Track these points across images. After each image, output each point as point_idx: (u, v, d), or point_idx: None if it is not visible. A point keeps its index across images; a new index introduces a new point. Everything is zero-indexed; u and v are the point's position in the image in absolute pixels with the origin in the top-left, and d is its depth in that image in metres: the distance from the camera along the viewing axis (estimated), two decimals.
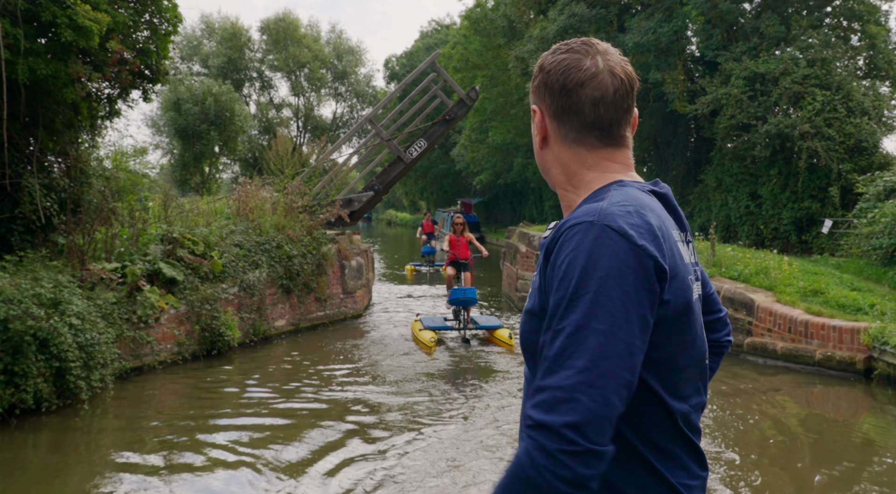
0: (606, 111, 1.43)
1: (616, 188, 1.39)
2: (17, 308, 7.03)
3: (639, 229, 1.27)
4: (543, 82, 1.47)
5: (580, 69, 1.42)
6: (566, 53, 1.46)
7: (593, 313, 1.21)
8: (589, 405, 1.17)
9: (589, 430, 1.17)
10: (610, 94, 1.42)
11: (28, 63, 8.02)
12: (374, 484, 5.71)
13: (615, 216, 1.28)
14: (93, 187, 10.46)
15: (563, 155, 1.48)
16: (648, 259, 1.25)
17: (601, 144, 1.45)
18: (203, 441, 6.78)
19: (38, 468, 6.37)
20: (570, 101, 1.43)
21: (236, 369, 9.93)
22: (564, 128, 1.46)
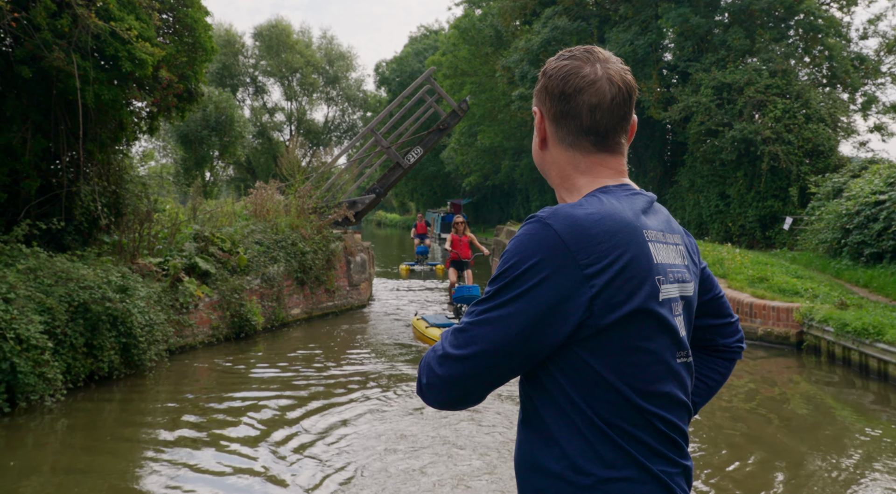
0: (602, 117, 1.48)
1: (598, 195, 1.45)
2: (96, 293, 8.61)
3: (575, 231, 1.35)
4: (545, 86, 1.53)
5: (579, 76, 1.48)
6: (568, 60, 1.51)
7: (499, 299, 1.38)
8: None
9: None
10: (607, 101, 1.47)
11: (94, 90, 9.57)
12: (383, 442, 7.35)
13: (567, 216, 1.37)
14: (130, 192, 12.05)
15: (559, 158, 1.53)
16: (574, 265, 1.34)
17: (595, 149, 1.50)
18: (231, 407, 8.39)
19: (113, 421, 7.91)
20: (569, 106, 1.48)
21: (262, 349, 11.51)
22: (562, 131, 1.51)
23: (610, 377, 1.36)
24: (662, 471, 1.40)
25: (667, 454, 1.41)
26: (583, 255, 1.32)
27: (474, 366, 1.37)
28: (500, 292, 1.36)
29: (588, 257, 1.33)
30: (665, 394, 1.42)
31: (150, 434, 7.29)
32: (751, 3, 22.85)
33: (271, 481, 5.88)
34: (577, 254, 1.32)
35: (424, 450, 6.57)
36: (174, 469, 6.14)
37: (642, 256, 1.38)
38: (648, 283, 1.38)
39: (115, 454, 6.68)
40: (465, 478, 5.88)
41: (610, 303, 1.33)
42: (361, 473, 5.99)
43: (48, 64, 9.19)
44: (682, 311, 1.48)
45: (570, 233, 1.33)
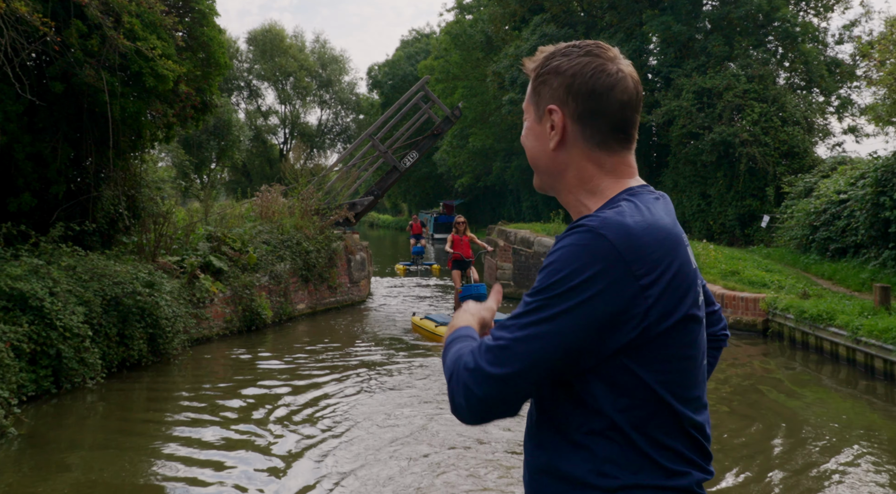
0: (630, 114, 1.46)
1: (631, 199, 1.41)
2: (128, 287, 9.54)
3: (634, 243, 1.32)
4: (566, 86, 1.45)
5: (608, 74, 1.44)
6: (587, 56, 1.46)
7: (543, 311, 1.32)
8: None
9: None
10: (634, 97, 1.46)
11: (120, 103, 10.50)
12: (382, 417, 8.31)
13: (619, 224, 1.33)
14: (145, 195, 12.98)
15: (581, 158, 1.47)
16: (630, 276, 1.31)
17: (621, 147, 1.47)
18: (244, 393, 9.34)
19: (144, 403, 8.82)
20: (600, 104, 1.43)
21: (271, 341, 12.44)
22: (590, 130, 1.45)
23: (654, 384, 1.35)
24: (690, 479, 1.38)
25: (696, 460, 1.40)
26: (638, 266, 1.30)
27: (517, 384, 1.32)
28: (548, 305, 1.31)
29: (643, 268, 1.30)
30: (697, 398, 1.43)
31: (173, 416, 8.15)
32: (729, 11, 23.92)
33: (277, 456, 6.84)
34: (632, 265, 1.29)
35: (421, 431, 7.55)
36: (193, 449, 7.04)
37: (687, 263, 1.38)
38: (693, 289, 1.38)
39: (144, 434, 7.50)
40: (470, 465, 6.86)
41: (663, 312, 1.32)
42: (364, 458, 6.95)
43: (79, 80, 10.12)
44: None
45: (625, 244, 1.30)
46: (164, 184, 15.87)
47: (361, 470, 6.14)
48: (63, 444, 7.07)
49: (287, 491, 5.75)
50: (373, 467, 6.22)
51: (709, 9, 25.72)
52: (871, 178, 13.18)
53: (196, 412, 8.12)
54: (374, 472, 6.09)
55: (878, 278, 12.33)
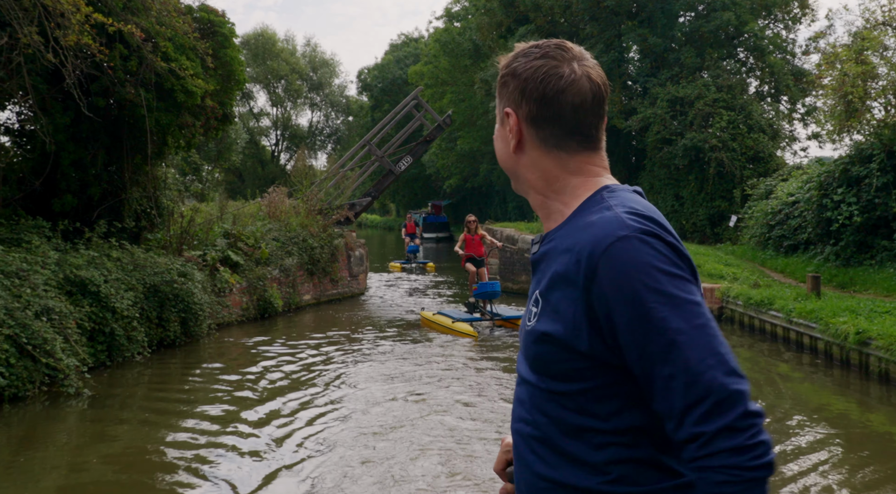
0: (586, 117, 1.42)
1: (608, 194, 1.40)
2: (166, 276, 11.02)
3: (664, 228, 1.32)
4: (520, 89, 1.44)
5: (559, 77, 1.41)
6: (541, 58, 1.43)
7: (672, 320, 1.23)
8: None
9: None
10: (589, 99, 1.42)
11: (154, 117, 11.97)
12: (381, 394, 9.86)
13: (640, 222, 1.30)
14: (167, 197, 14.45)
15: (542, 160, 1.46)
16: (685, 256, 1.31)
17: (581, 148, 1.44)
18: (258, 370, 10.86)
19: (179, 378, 10.28)
20: (551, 109, 1.41)
21: (282, 327, 13.94)
22: (543, 133, 1.44)
23: None
24: None
25: None
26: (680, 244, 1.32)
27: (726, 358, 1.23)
28: (672, 320, 1.23)
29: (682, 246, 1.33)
30: None
31: (204, 387, 9.59)
32: (701, 25, 25.62)
33: (285, 427, 8.38)
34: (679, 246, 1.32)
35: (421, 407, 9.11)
36: (217, 416, 8.59)
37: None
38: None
39: (182, 402, 8.89)
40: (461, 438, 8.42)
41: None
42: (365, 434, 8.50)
43: (120, 96, 11.59)
44: None
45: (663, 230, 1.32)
46: (183, 186, 17.24)
47: (350, 450, 7.69)
48: (118, 404, 8.55)
49: (289, 455, 7.22)
50: (359, 446, 7.77)
51: (683, 22, 27.42)
52: (816, 182, 14.85)
53: (223, 384, 9.56)
54: (361, 453, 7.65)
55: (822, 271, 13.98)
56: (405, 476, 6.05)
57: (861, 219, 13.58)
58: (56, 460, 6.75)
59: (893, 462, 6.72)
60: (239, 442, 7.04)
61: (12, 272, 8.72)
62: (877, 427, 7.72)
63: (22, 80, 10.51)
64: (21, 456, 6.73)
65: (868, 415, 8.15)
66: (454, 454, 6.62)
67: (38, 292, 8.74)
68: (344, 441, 6.99)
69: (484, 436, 7.14)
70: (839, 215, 13.98)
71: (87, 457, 6.72)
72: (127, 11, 11.40)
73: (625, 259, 1.26)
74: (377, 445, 6.85)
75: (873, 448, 7.09)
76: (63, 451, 7.02)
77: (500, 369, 10.13)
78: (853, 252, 14.03)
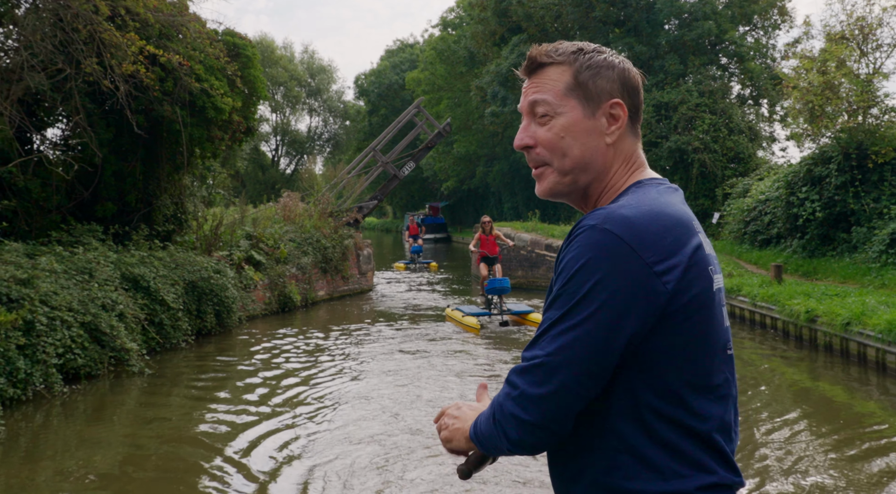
0: (641, 109, 1.54)
1: (633, 191, 1.43)
2: (203, 273, 12.46)
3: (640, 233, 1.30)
4: (622, 80, 1.48)
5: (634, 72, 1.52)
6: (612, 56, 1.51)
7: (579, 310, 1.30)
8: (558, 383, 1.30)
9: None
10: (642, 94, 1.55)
11: (188, 131, 13.39)
12: (395, 380, 11.31)
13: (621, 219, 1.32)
14: (190, 202, 15.88)
15: (627, 152, 1.50)
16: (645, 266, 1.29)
17: (637, 139, 1.53)
18: (282, 357, 12.30)
19: (216, 360, 11.69)
20: (639, 99, 1.51)
21: (300, 319, 15.37)
22: (634, 123, 1.51)
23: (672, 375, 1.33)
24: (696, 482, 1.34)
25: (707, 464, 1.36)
26: (648, 254, 1.29)
27: (563, 399, 1.30)
28: (571, 313, 1.30)
29: (654, 256, 1.29)
30: (721, 387, 1.40)
31: (236, 368, 10.96)
32: (683, 34, 27.15)
33: (302, 404, 9.83)
34: (643, 253, 1.28)
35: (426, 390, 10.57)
36: (248, 402, 10.03)
37: (699, 247, 1.36)
38: (706, 274, 1.35)
39: (219, 380, 10.23)
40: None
41: (679, 297, 1.30)
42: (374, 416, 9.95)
43: (158, 114, 13.02)
44: (720, 302, 1.43)
45: (629, 234, 1.29)
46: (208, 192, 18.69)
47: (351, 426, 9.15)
48: (169, 383, 9.96)
49: (308, 430, 8.70)
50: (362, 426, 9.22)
51: (668, 29, 28.94)
52: (784, 181, 16.34)
53: (252, 367, 10.93)
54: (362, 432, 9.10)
55: (790, 262, 15.47)
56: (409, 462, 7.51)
57: (823, 214, 15.06)
58: (121, 428, 8.11)
59: (834, 416, 8.19)
60: (265, 420, 8.36)
61: (83, 270, 10.16)
62: (826, 391, 9.16)
63: (74, 101, 11.94)
64: (93, 425, 8.12)
65: (816, 382, 9.61)
66: None
67: (103, 287, 10.17)
68: (353, 420, 8.46)
69: None
70: (804, 211, 15.47)
71: (146, 426, 8.12)
72: (163, 38, 12.84)
73: (573, 246, 1.34)
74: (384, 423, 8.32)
75: (819, 407, 8.55)
76: (126, 421, 8.41)
77: (488, 360, 11.59)
78: (817, 245, 15.52)
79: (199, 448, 7.18)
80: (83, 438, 7.64)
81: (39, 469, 6.60)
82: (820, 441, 7.11)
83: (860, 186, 14.64)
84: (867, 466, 6.31)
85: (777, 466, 6.34)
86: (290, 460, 6.65)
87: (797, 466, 6.33)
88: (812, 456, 6.62)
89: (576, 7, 28.87)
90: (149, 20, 11.41)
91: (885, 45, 16.05)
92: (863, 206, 14.47)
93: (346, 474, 6.17)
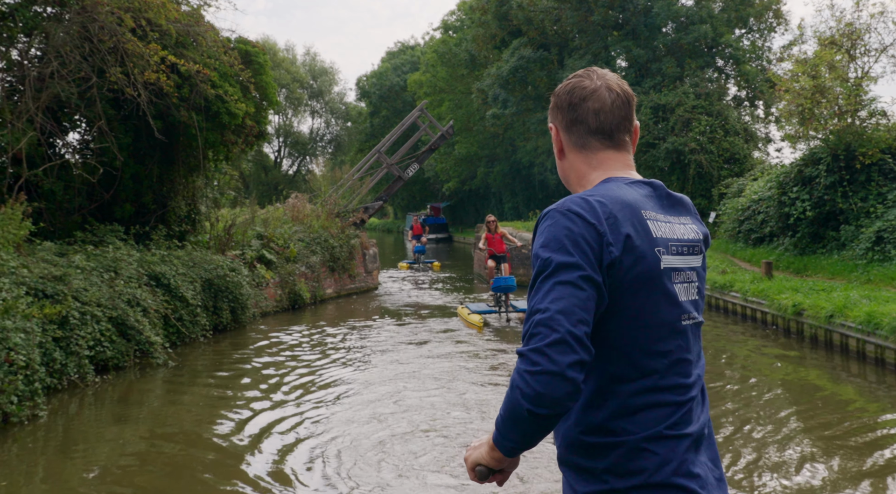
0: (606, 118, 1.76)
1: (603, 184, 1.73)
2: (219, 271, 13.05)
3: (582, 208, 1.62)
4: (555, 104, 1.82)
5: (583, 88, 1.78)
6: (572, 79, 1.82)
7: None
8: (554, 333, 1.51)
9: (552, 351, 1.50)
10: (608, 104, 1.76)
11: (203, 136, 13.98)
12: (402, 369, 11.90)
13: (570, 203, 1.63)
14: (202, 204, 16.48)
15: (575, 161, 1.81)
16: (587, 224, 1.60)
17: (604, 147, 1.77)
18: (293, 352, 12.89)
19: (230, 351, 12.28)
20: (576, 113, 1.77)
21: (310, 316, 15.96)
22: (573, 136, 1.79)
23: (623, 339, 1.62)
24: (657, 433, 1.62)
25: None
26: (598, 222, 1.60)
27: (576, 336, 1.51)
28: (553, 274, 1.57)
29: (602, 225, 1.60)
30: (667, 352, 1.67)
31: (251, 363, 11.54)
32: (680, 38, 27.75)
33: (314, 390, 10.42)
34: (592, 220, 1.60)
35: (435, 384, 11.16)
36: (263, 391, 10.62)
37: (643, 231, 1.65)
38: (650, 254, 1.63)
39: (237, 371, 10.80)
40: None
41: (623, 270, 1.60)
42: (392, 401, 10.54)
43: (174, 119, 13.62)
44: (684, 280, 1.72)
45: (583, 207, 1.61)
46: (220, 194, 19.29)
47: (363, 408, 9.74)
48: (189, 374, 10.53)
49: (317, 415, 9.29)
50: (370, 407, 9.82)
51: (665, 32, 29.55)
52: (776, 182, 16.94)
53: (267, 359, 11.50)
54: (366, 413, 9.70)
55: (782, 259, 16.06)
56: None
57: (813, 213, 15.65)
58: (147, 414, 8.69)
59: (818, 403, 8.77)
60: (278, 407, 9.04)
61: (109, 267, 10.76)
62: (812, 380, 9.72)
63: (97, 107, 12.54)
64: (123, 409, 8.70)
65: (800, 370, 10.19)
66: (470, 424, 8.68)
67: (128, 284, 10.76)
68: (361, 406, 9.06)
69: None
70: (795, 210, 16.05)
71: (169, 413, 8.71)
72: (179, 46, 13.44)
73: (542, 228, 1.65)
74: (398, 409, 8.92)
75: (805, 394, 9.15)
76: (151, 408, 8.99)
77: (488, 352, 12.18)
78: (808, 242, 16.11)
79: (218, 431, 7.77)
80: (115, 419, 8.25)
81: (74, 451, 7.19)
82: (804, 424, 7.69)
83: (848, 186, 15.24)
84: (848, 444, 6.91)
85: (768, 441, 6.93)
86: (300, 441, 7.21)
87: (786, 445, 6.93)
88: (799, 437, 7.21)
89: (575, 11, 29.48)
90: (170, 31, 11.99)
91: (872, 50, 16.65)
92: (851, 205, 15.06)
93: (353, 451, 6.76)
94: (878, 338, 9.29)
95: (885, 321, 9.12)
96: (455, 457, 6.56)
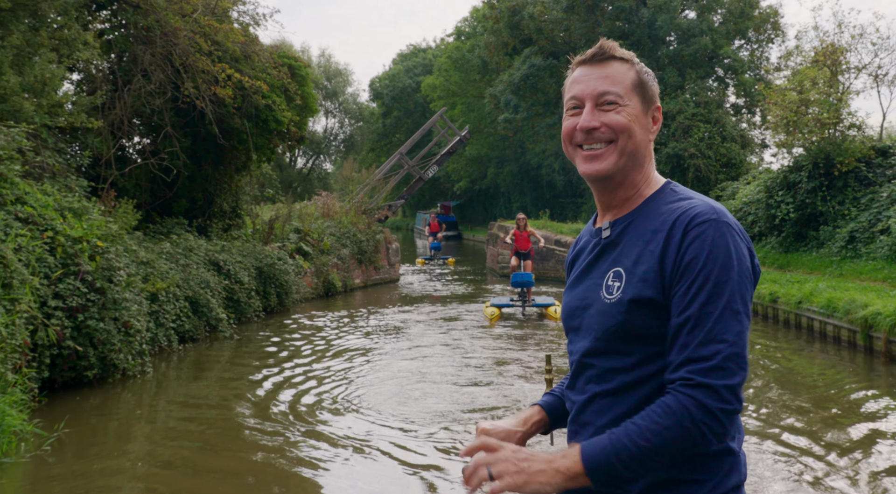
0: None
1: (676, 187, 1.76)
2: (269, 260, 14.87)
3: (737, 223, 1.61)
4: (657, 92, 1.74)
5: None
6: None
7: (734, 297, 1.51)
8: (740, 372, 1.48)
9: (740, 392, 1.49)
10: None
11: (253, 140, 15.81)
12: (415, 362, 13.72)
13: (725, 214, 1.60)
14: (243, 201, 18.32)
15: (650, 148, 1.76)
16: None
17: None
18: (329, 332, 14.72)
19: (279, 329, 14.09)
20: (657, 101, 1.75)
21: (342, 303, 17.77)
22: (647, 120, 1.74)
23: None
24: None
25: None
26: (746, 238, 1.62)
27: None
28: (733, 297, 1.51)
29: (747, 239, 1.62)
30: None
31: (293, 344, 13.32)
32: (682, 49, 29.49)
33: (341, 367, 12.25)
34: (745, 237, 1.61)
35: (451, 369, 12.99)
36: (304, 361, 12.45)
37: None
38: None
39: (285, 345, 12.57)
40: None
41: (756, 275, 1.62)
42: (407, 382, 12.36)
43: (228, 125, 15.45)
44: None
45: (735, 223, 1.60)
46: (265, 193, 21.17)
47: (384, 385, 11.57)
48: (247, 346, 12.34)
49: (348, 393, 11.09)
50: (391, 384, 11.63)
51: (669, 40, 31.31)
52: (764, 186, 18.70)
53: (308, 333, 13.28)
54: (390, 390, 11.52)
55: (768, 256, 17.81)
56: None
57: (796, 215, 17.41)
58: (218, 376, 10.49)
59: (789, 381, 10.55)
60: (323, 380, 10.88)
61: (181, 254, 12.61)
62: (782, 362, 11.45)
63: (165, 116, 14.38)
64: (198, 372, 10.51)
65: (775, 353, 11.94)
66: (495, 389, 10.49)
67: (198, 268, 12.60)
68: (388, 381, 10.89)
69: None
70: (780, 212, 17.82)
71: (235, 379, 10.54)
72: (236, 61, 15.27)
73: (703, 240, 1.53)
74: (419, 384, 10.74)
75: (780, 374, 10.93)
76: (220, 374, 10.77)
77: (499, 338, 13.99)
78: (791, 242, 17.88)
79: (277, 393, 9.62)
80: (193, 378, 10.12)
81: (163, 401, 9.03)
82: (780, 392, 9.50)
83: (827, 191, 17.00)
84: (813, 406, 8.71)
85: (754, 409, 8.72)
86: (335, 400, 9.06)
87: (772, 411, 8.72)
88: (778, 402, 9.01)
89: (583, 23, 31.25)
90: (232, 51, 13.82)
91: (853, 68, 18.40)
92: (829, 208, 16.83)
93: (375, 403, 8.59)
94: (835, 319, 11.08)
95: (839, 305, 10.91)
96: (455, 397, 8.38)
